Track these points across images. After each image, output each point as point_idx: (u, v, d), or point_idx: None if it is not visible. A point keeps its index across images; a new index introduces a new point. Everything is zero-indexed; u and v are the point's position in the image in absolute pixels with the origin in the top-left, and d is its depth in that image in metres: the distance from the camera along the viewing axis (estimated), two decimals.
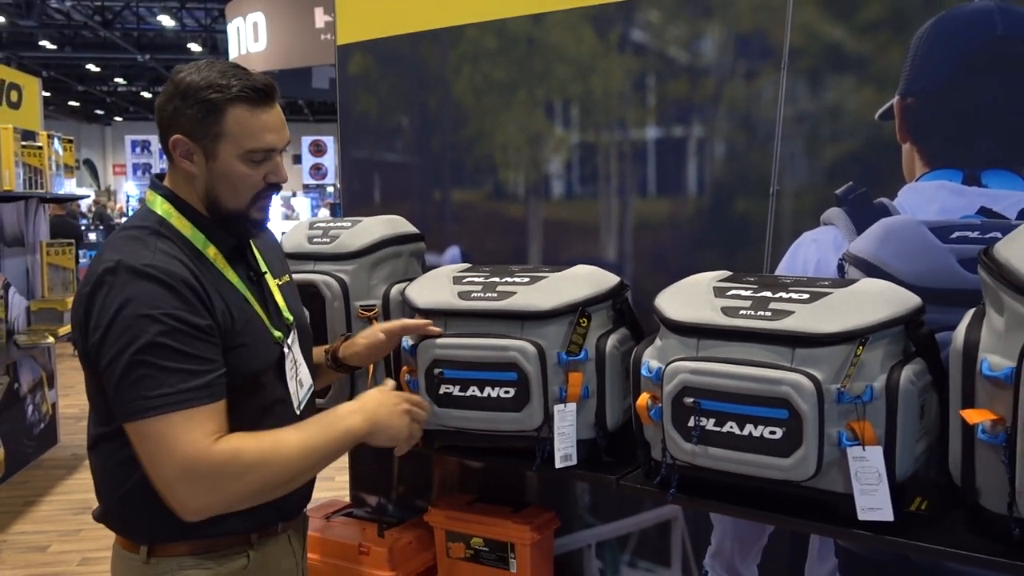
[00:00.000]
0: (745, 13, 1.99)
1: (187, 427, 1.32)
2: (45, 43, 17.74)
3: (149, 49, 18.25)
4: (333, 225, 2.23)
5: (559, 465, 1.76)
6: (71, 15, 16.29)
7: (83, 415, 1.63)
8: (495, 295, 1.82)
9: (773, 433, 1.45)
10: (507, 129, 2.39)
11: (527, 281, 1.84)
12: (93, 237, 12.20)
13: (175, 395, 1.32)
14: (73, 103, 25.69)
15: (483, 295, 1.83)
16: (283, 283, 1.65)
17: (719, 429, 1.50)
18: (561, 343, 1.77)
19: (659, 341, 1.67)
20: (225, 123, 1.42)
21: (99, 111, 27.64)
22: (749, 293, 1.58)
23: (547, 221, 2.36)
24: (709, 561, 2.17)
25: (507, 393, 1.76)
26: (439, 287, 1.91)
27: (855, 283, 1.59)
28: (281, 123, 1.48)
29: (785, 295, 1.54)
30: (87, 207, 15.77)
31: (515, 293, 1.81)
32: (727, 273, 1.73)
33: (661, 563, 2.25)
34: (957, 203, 1.74)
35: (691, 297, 1.63)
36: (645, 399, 1.62)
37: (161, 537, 1.44)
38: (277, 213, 12.47)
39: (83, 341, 1.39)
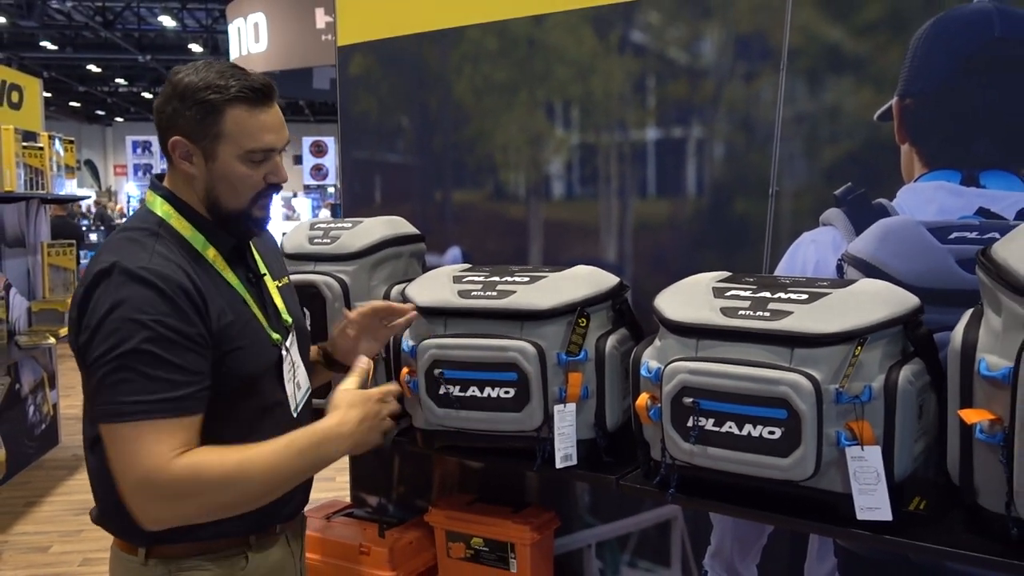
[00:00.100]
0: (744, 14, 1.99)
1: (154, 438, 1.30)
2: (46, 44, 17.74)
3: (150, 50, 18.23)
4: (334, 226, 2.23)
5: (559, 465, 1.76)
6: (72, 16, 16.28)
7: None
8: (495, 294, 1.82)
9: (772, 433, 1.46)
10: (508, 130, 2.39)
11: (527, 281, 1.85)
12: (94, 238, 12.21)
13: (149, 404, 1.30)
14: (74, 104, 25.68)
15: (483, 294, 1.83)
16: (282, 285, 1.64)
17: (718, 429, 1.51)
18: (561, 343, 1.78)
19: (658, 341, 1.67)
20: (224, 124, 1.41)
21: (100, 112, 27.62)
22: (748, 293, 1.58)
23: (547, 222, 2.36)
24: (709, 561, 2.17)
25: (507, 393, 1.77)
26: (439, 286, 1.91)
27: (854, 283, 1.59)
28: (280, 123, 1.47)
29: (784, 295, 1.55)
30: (86, 208, 15.77)
31: (515, 292, 1.81)
32: (726, 274, 1.74)
33: (661, 563, 2.25)
34: (955, 204, 1.75)
35: (690, 297, 1.64)
36: (644, 399, 1.62)
37: (159, 539, 1.42)
38: (278, 214, 12.48)
39: (75, 340, 1.38)
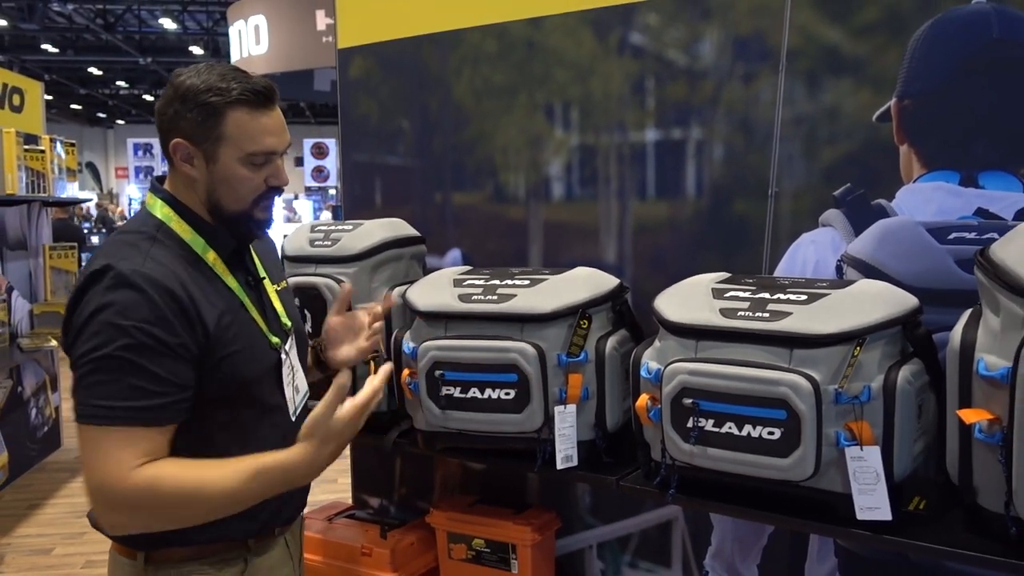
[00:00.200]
0: (743, 16, 2.00)
1: (120, 445, 1.30)
2: (47, 46, 17.74)
3: (151, 52, 18.23)
4: (334, 228, 2.23)
5: (560, 466, 1.77)
6: (73, 18, 16.31)
7: None
8: (495, 298, 1.82)
9: (772, 433, 1.46)
10: (507, 132, 2.40)
11: (527, 284, 1.85)
12: (96, 240, 12.23)
13: (120, 410, 1.30)
14: (75, 106, 25.68)
15: (483, 298, 1.84)
16: (281, 289, 1.64)
17: (718, 430, 1.51)
18: (561, 345, 1.78)
19: (658, 342, 1.68)
20: (225, 126, 1.40)
21: (101, 114, 27.63)
22: (747, 294, 1.59)
23: (547, 223, 2.37)
24: (709, 561, 2.17)
25: (508, 395, 1.77)
26: (440, 290, 1.91)
27: (853, 284, 1.59)
28: (281, 126, 1.47)
29: (783, 296, 1.55)
30: (87, 210, 15.79)
31: (515, 296, 1.81)
32: (726, 275, 1.74)
33: (662, 563, 2.26)
34: (954, 204, 1.75)
35: (690, 299, 1.64)
36: (644, 400, 1.63)
37: (158, 542, 1.42)
38: (279, 216, 12.49)
39: (64, 340, 1.39)
